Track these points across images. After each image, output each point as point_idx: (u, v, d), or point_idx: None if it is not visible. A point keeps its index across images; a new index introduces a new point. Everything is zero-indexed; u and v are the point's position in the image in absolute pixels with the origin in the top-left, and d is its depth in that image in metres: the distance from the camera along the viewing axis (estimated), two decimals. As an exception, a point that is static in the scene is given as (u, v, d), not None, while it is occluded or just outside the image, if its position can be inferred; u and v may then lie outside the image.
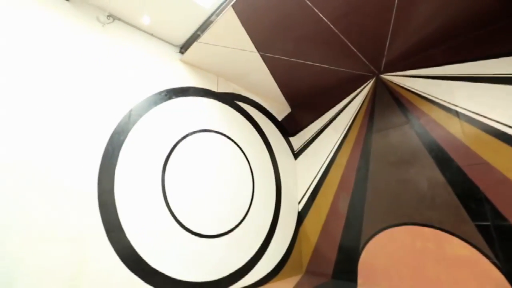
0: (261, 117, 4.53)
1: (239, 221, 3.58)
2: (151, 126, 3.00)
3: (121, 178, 2.64)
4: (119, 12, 3.08)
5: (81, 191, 2.38)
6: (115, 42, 3.00)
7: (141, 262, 2.58)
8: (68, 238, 2.24)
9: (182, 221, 2.99)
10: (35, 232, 2.09)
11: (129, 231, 2.58)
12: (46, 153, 2.27)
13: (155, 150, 2.98)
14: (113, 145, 2.66)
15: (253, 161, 4.08)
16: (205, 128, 3.55)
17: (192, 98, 3.53)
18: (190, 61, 3.63)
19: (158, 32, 3.39)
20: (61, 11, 2.69)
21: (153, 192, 2.84)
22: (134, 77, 3.02)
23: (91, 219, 2.38)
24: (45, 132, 2.30)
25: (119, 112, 2.79)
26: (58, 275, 2.13)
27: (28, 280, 2.00)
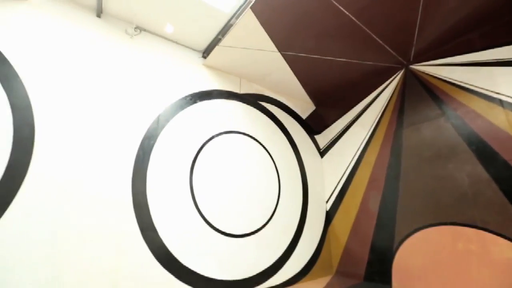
0: (285, 116, 4.50)
1: (266, 221, 3.60)
2: (178, 130, 3.14)
3: (152, 181, 2.80)
4: (145, 23, 3.26)
5: (117, 193, 2.57)
6: (142, 52, 3.18)
7: (173, 260, 2.71)
8: (108, 235, 2.43)
9: (210, 221, 3.08)
10: (80, 230, 2.31)
11: (161, 230, 2.72)
12: (86, 159, 2.49)
13: (183, 153, 3.11)
14: (144, 149, 2.84)
15: (279, 160, 4.07)
16: (229, 130, 3.62)
17: (216, 101, 3.63)
18: (213, 64, 3.73)
19: (181, 39, 3.53)
20: (93, 26, 2.93)
21: (182, 193, 2.97)
22: (161, 84, 3.19)
23: (128, 219, 2.57)
24: (84, 140, 2.53)
25: (148, 118, 2.96)
26: (101, 269, 2.32)
27: (75, 274, 2.21)
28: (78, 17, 2.85)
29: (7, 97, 2.24)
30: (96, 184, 2.48)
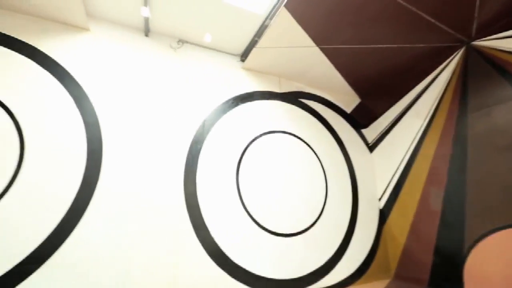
0: (328, 112, 4.34)
1: (314, 220, 3.53)
2: (222, 133, 3.29)
3: (202, 182, 2.98)
4: (186, 36, 3.50)
5: (172, 196, 2.81)
6: (186, 63, 3.42)
7: (225, 257, 2.84)
8: (167, 234, 2.67)
9: (258, 220, 3.14)
10: (143, 230, 2.59)
11: (212, 229, 2.88)
12: (143, 166, 2.78)
13: (228, 155, 3.24)
14: (193, 153, 3.04)
15: (324, 158, 3.94)
16: (272, 130, 3.64)
17: (257, 102, 3.69)
18: (251, 67, 3.80)
19: (219, 46, 3.68)
20: (143, 45, 3.27)
21: (229, 193, 3.10)
22: (204, 90, 3.38)
23: (182, 219, 2.78)
24: (141, 148, 2.83)
25: (195, 123, 3.17)
26: (162, 264, 2.57)
27: (141, 269, 2.48)
28: (130, 39, 3.21)
29: (80, 115, 2.65)
30: (153, 188, 2.75)
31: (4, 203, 2.21)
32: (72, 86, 2.71)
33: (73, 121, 2.61)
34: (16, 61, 2.58)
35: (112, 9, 3.05)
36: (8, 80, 2.51)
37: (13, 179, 2.28)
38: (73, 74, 2.75)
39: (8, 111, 2.41)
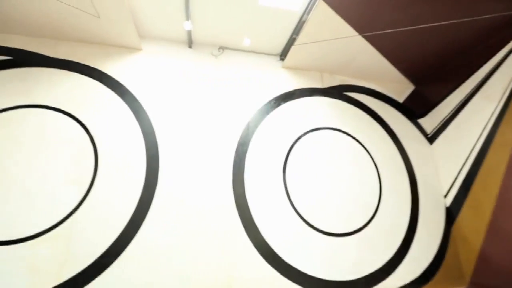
0: (377, 103, 4.04)
1: (368, 219, 3.31)
2: (267, 134, 3.32)
3: (249, 183, 3.05)
4: (226, 43, 3.64)
5: (222, 197, 2.94)
6: (227, 68, 3.56)
7: (276, 257, 2.85)
8: (219, 234, 2.80)
9: (308, 220, 3.08)
10: (199, 231, 2.76)
11: (262, 228, 2.92)
12: (195, 170, 2.97)
13: (274, 154, 3.26)
14: (239, 155, 3.14)
15: (375, 152, 3.68)
16: (317, 127, 3.54)
17: (299, 100, 3.63)
18: (291, 65, 3.76)
19: (258, 48, 3.73)
20: (188, 56, 3.52)
21: (277, 193, 3.11)
22: (246, 93, 3.47)
23: (233, 219, 2.88)
24: (192, 153, 3.03)
25: (239, 126, 3.27)
26: (218, 263, 2.70)
27: (198, 268, 2.65)
28: (176, 52, 3.49)
29: (139, 125, 2.98)
30: (204, 191, 2.92)
31: (86, 204, 2.61)
32: (131, 100, 3.05)
33: (133, 131, 2.94)
34: (86, 83, 3.03)
35: (159, 27, 3.35)
36: (81, 100, 2.95)
37: (91, 183, 2.68)
38: (131, 90, 3.11)
39: (84, 127, 2.84)
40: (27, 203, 2.52)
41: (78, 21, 2.87)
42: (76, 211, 2.58)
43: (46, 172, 2.65)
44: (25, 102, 2.83)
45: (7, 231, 2.42)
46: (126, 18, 2.88)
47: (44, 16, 2.82)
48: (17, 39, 3.06)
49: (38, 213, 2.52)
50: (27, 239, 2.43)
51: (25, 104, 2.82)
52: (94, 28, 2.99)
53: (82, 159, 2.74)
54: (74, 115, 2.87)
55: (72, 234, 2.51)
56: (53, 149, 2.73)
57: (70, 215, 2.56)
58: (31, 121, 2.78)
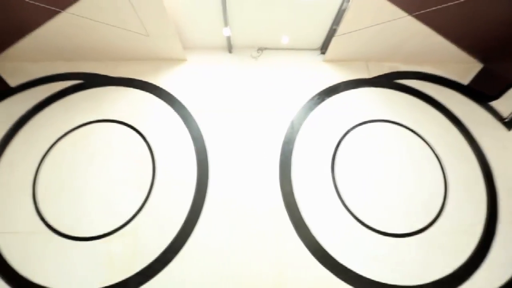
0: (437, 89, 3.58)
1: (432, 219, 2.96)
2: (312, 131, 3.24)
3: (297, 181, 3.01)
4: (264, 43, 3.67)
5: (271, 196, 2.95)
6: (267, 68, 3.59)
7: (328, 257, 2.75)
8: (270, 233, 2.81)
9: (361, 218, 2.90)
10: (247, 229, 2.82)
11: (313, 228, 2.84)
12: (243, 171, 3.05)
13: (321, 151, 3.16)
14: (285, 154, 3.12)
15: (437, 144, 3.27)
16: (365, 120, 3.32)
17: (344, 94, 3.46)
18: (333, 57, 3.60)
19: (297, 44, 3.67)
20: (229, 61, 3.65)
21: (326, 191, 3.00)
22: (288, 91, 3.44)
23: (282, 218, 2.87)
24: (238, 154, 3.12)
25: (283, 125, 3.25)
26: (268, 260, 2.72)
27: (250, 265, 2.70)
28: (217, 58, 3.67)
29: (188, 131, 3.19)
30: (252, 191, 2.98)
31: (147, 206, 2.89)
32: (180, 108, 3.29)
33: (184, 137, 3.16)
34: (141, 97, 3.37)
35: (200, 37, 3.54)
36: (138, 112, 3.29)
37: (151, 187, 2.96)
38: (179, 99, 3.35)
39: (142, 136, 3.16)
40: (100, 205, 2.91)
41: (132, 42, 3.21)
42: (140, 212, 2.88)
43: (114, 178, 3.01)
44: (94, 118, 3.26)
45: (86, 229, 2.82)
46: (171, 34, 3.11)
47: (105, 42, 3.23)
48: (85, 64, 3.54)
49: (110, 213, 2.88)
50: (103, 236, 2.79)
51: (94, 119, 3.25)
52: (145, 46, 3.31)
53: (142, 165, 3.05)
54: (133, 125, 3.21)
55: (138, 232, 2.80)
56: (119, 157, 3.09)
57: (135, 216, 2.86)
58: (100, 134, 3.19)
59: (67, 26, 2.95)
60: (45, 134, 3.19)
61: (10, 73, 3.51)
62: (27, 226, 2.85)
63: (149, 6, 2.70)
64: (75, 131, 3.21)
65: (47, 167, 3.08)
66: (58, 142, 3.17)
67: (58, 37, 3.13)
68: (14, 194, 2.97)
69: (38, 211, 2.90)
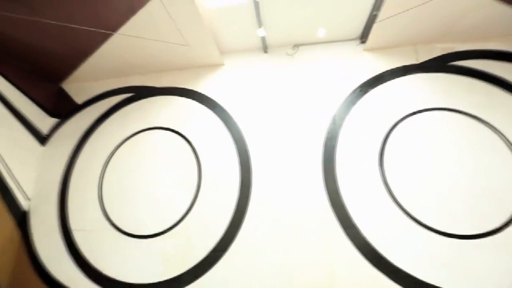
0: (505, 67, 3.07)
1: (509, 217, 2.56)
2: (355, 125, 3.07)
3: (342, 179, 2.88)
4: (299, 39, 3.59)
5: (315, 195, 2.87)
6: (304, 65, 3.50)
7: (380, 258, 2.57)
8: (317, 233, 2.75)
9: (416, 217, 2.65)
10: (293, 229, 2.79)
11: (362, 227, 2.69)
12: (285, 170, 3.02)
13: (366, 146, 2.97)
14: (328, 151, 3.01)
15: (509, 131, 2.82)
16: (416, 110, 3.02)
17: (389, 83, 3.20)
18: (375, 46, 3.36)
19: (334, 36, 3.51)
20: (265, 61, 3.66)
21: (375, 188, 2.81)
22: (328, 86, 3.30)
23: (329, 218, 2.77)
24: (280, 154, 3.10)
25: (325, 121, 3.14)
26: (318, 262, 2.65)
27: (298, 267, 2.66)
28: (253, 60, 3.70)
29: (230, 133, 3.28)
30: (296, 190, 2.93)
31: (196, 206, 3.07)
32: (220, 111, 3.41)
33: (225, 139, 3.26)
34: (184, 103, 3.58)
35: (235, 41, 3.62)
36: (182, 118, 3.50)
37: (198, 188, 3.13)
38: (219, 102, 3.47)
39: (187, 140, 3.36)
40: (154, 206, 3.18)
41: (173, 53, 3.43)
42: (189, 213, 3.06)
43: (165, 181, 3.25)
44: (145, 126, 3.56)
45: (143, 228, 3.10)
46: (208, 41, 3.24)
47: (149, 56, 3.51)
48: (134, 78, 3.90)
49: (163, 214, 3.12)
50: (157, 235, 3.03)
51: (145, 128, 3.56)
52: (185, 56, 3.50)
53: (189, 168, 3.24)
54: (178, 131, 3.42)
55: (188, 231, 2.98)
56: (167, 161, 3.33)
57: (184, 216, 3.05)
58: (151, 141, 3.48)
59: (118, 46, 3.28)
60: (107, 142, 3.62)
61: (76, 92, 4.07)
62: (96, 225, 3.24)
63: (187, 17, 2.85)
64: (130, 138, 3.56)
65: (109, 172, 3.47)
66: (117, 149, 3.55)
67: (111, 57, 3.50)
68: (85, 196, 3.41)
69: (104, 211, 3.28)
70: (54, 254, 3.23)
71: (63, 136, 3.82)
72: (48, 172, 3.64)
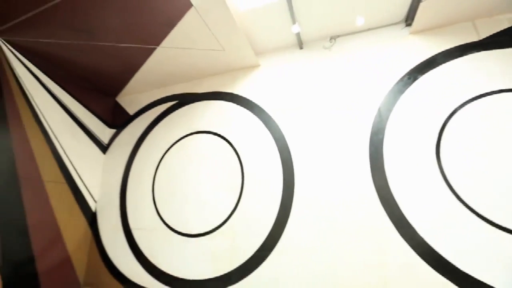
0: None
1: None
2: (405, 116, 2.80)
3: (392, 174, 2.66)
4: (336, 31, 3.42)
5: (363, 192, 2.71)
6: (343, 56, 3.31)
7: (443, 262, 2.31)
8: (366, 234, 2.58)
9: (485, 215, 2.31)
10: (340, 227, 2.67)
11: (419, 227, 2.45)
12: (328, 166, 2.91)
13: (420, 138, 2.69)
14: (375, 145, 2.81)
15: None
16: (479, 93, 2.63)
17: (444, 66, 2.85)
18: (423, 27, 3.04)
19: (375, 22, 3.27)
20: (300, 57, 3.57)
21: (433, 183, 2.52)
22: (371, 77, 3.08)
23: (379, 217, 2.59)
24: (323, 150, 2.99)
25: (369, 114, 2.93)
26: (368, 265, 2.49)
27: (347, 269, 2.55)
28: (289, 57, 3.63)
29: (270, 133, 3.28)
30: (342, 187, 2.79)
31: (240, 206, 3.15)
32: (259, 112, 3.43)
33: (266, 139, 3.27)
34: (224, 107, 3.69)
35: (269, 40, 3.61)
36: (223, 121, 3.61)
37: (241, 188, 3.21)
38: (257, 103, 3.49)
39: (229, 142, 3.46)
40: (200, 206, 3.35)
41: (211, 59, 3.56)
42: (234, 212, 3.14)
43: (210, 182, 3.39)
44: (190, 131, 3.78)
45: (192, 227, 3.29)
46: (243, 44, 3.29)
47: (190, 64, 3.71)
48: (177, 86, 4.17)
49: (208, 213, 3.26)
50: (205, 234, 3.18)
51: (189, 132, 3.76)
52: (222, 60, 3.61)
53: (232, 169, 3.33)
54: (220, 134, 3.55)
55: (234, 231, 3.07)
56: (211, 163, 3.48)
57: (230, 216, 3.15)
58: (195, 144, 3.67)
59: (161, 58, 3.53)
60: (157, 148, 3.93)
61: (129, 104, 4.50)
62: (151, 224, 3.54)
63: (221, 23, 2.93)
64: (177, 143, 3.80)
65: (159, 175, 3.77)
66: (166, 154, 3.82)
67: (156, 69, 3.79)
68: (141, 198, 3.76)
69: (158, 211, 3.56)
70: (119, 250, 3.62)
71: (120, 145, 4.27)
72: (110, 177, 4.10)
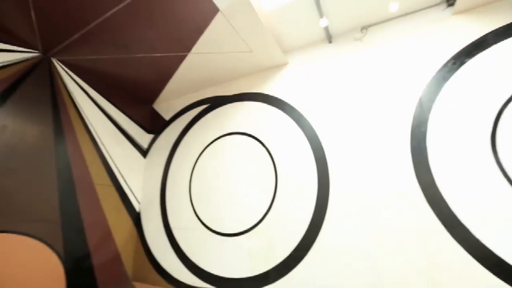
0: None
1: None
2: (451, 105, 2.54)
3: (438, 169, 2.44)
4: (367, 21, 3.25)
5: (406, 190, 2.52)
6: (377, 47, 3.13)
7: (505, 266, 2.05)
8: (413, 234, 2.41)
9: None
10: (385, 230, 2.52)
11: (474, 228, 2.21)
12: (367, 163, 2.78)
13: (470, 129, 2.42)
14: (417, 139, 2.60)
15: None
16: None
17: (495, 47, 2.54)
18: (468, 5, 2.74)
19: (411, 5, 3.04)
20: (330, 51, 3.45)
21: (488, 178, 2.26)
22: (409, 66, 2.86)
23: (426, 216, 2.39)
24: (360, 146, 2.86)
25: (409, 106, 2.72)
26: (415, 268, 2.32)
27: (392, 271, 2.40)
28: (318, 53, 3.53)
29: (302, 132, 3.23)
30: (382, 184, 2.64)
31: (274, 206, 3.15)
32: (291, 111, 3.39)
33: (299, 138, 3.22)
34: (255, 107, 3.71)
35: (296, 37, 3.55)
36: (255, 121, 3.63)
37: (275, 189, 3.20)
38: (288, 101, 3.45)
39: (260, 142, 3.47)
40: (235, 206, 3.41)
41: (239, 61, 3.61)
42: (268, 212, 3.14)
43: (244, 182, 3.44)
44: (221, 133, 3.87)
45: (228, 227, 3.36)
46: (270, 43, 3.28)
47: (219, 68, 3.80)
48: (208, 90, 4.29)
49: (244, 213, 3.31)
50: (241, 233, 3.23)
51: (222, 134, 3.85)
52: (250, 62, 3.64)
53: (265, 169, 3.33)
54: (252, 134, 3.57)
55: (270, 230, 3.07)
56: (244, 164, 3.52)
57: (265, 215, 3.15)
58: (227, 146, 3.75)
59: (193, 64, 3.67)
60: (191, 150, 4.10)
61: (164, 110, 4.76)
62: (189, 223, 3.69)
63: (248, 25, 2.96)
64: (210, 145, 3.92)
65: (195, 176, 3.91)
66: (200, 156, 3.96)
67: (188, 74, 3.94)
68: (179, 199, 3.95)
69: (195, 211, 3.70)
70: (161, 248, 3.84)
71: (158, 149, 4.53)
72: (150, 180, 4.37)
